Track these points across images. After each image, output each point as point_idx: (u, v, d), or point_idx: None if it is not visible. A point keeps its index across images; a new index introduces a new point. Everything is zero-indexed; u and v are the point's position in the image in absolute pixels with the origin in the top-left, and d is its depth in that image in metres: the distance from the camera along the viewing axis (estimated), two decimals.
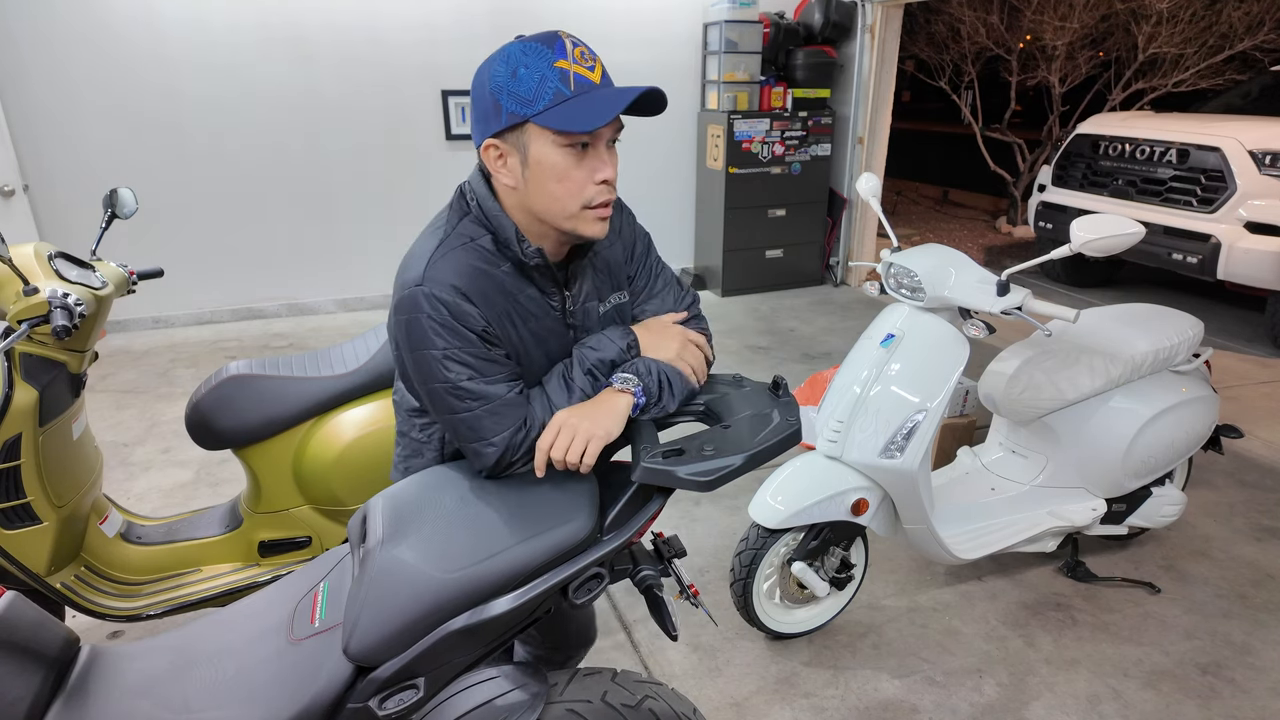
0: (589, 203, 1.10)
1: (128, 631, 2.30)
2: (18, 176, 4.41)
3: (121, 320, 5.02)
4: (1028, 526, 2.38)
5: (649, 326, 1.29)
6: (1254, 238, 4.42)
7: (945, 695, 2.10)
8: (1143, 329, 2.38)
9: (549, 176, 1.08)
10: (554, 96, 1.03)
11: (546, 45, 1.05)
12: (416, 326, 1.10)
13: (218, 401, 1.94)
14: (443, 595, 1.00)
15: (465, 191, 1.18)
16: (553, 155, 1.06)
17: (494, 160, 1.11)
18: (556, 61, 1.03)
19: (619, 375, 1.18)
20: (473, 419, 1.12)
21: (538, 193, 1.10)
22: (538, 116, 1.04)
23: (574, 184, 1.08)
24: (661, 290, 1.34)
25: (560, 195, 1.09)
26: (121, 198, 2.10)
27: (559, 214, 1.11)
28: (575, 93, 1.03)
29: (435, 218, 1.20)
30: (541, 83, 1.03)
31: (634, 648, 2.27)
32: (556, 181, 1.08)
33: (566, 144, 1.06)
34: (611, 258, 1.28)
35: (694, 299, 1.39)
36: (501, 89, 1.05)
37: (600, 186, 1.10)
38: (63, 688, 1.00)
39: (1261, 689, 2.13)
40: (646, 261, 1.33)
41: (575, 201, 1.09)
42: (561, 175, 1.07)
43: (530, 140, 1.06)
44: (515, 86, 1.04)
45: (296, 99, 4.93)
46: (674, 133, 5.87)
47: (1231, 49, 6.61)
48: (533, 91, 1.03)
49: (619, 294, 1.29)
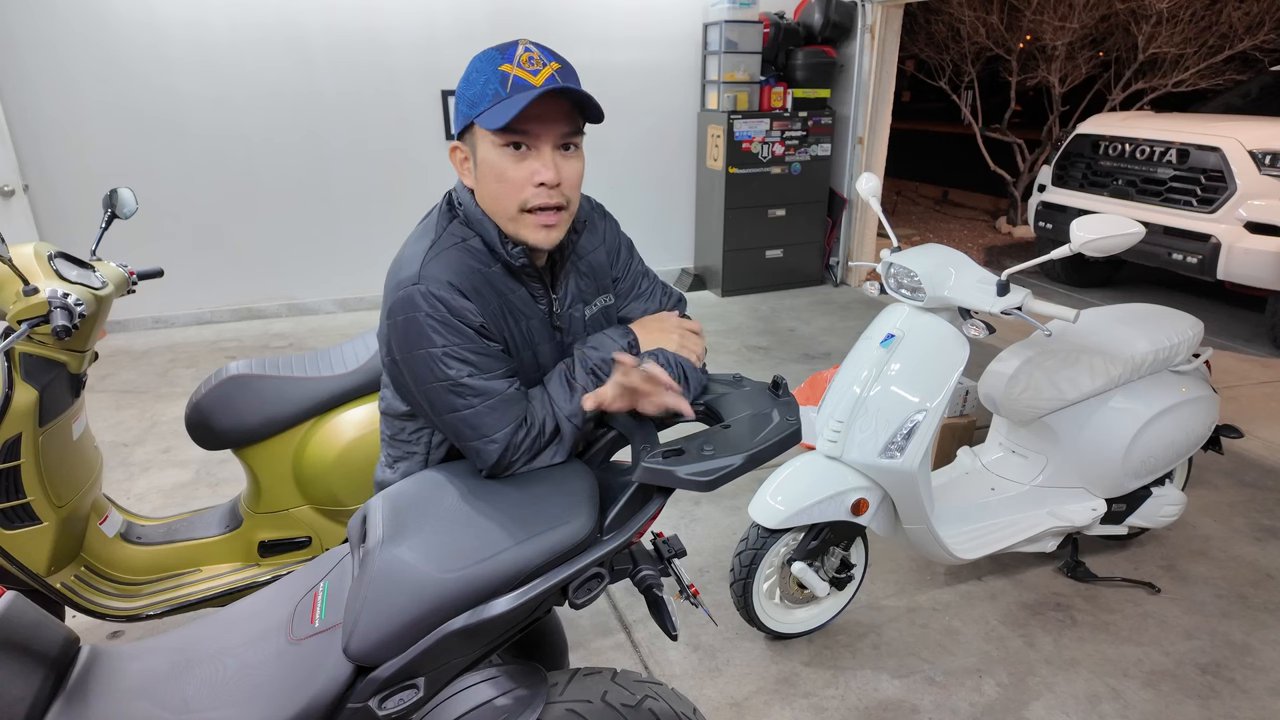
0: (525, 205, 1.12)
1: (128, 631, 2.30)
2: (18, 176, 4.41)
3: (121, 320, 5.02)
4: (1028, 526, 2.39)
5: (645, 324, 1.31)
6: (1254, 238, 4.42)
7: (945, 695, 2.10)
8: (1143, 329, 2.38)
9: (490, 176, 1.12)
10: (492, 98, 1.07)
11: (499, 51, 1.10)
12: (414, 325, 1.10)
13: (218, 401, 1.94)
14: (443, 595, 1.00)
15: (453, 196, 1.21)
16: (492, 155, 1.11)
17: (459, 162, 1.16)
18: (502, 65, 1.08)
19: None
20: (474, 416, 1.12)
21: (483, 193, 1.15)
22: (479, 117, 1.09)
23: (511, 185, 1.11)
24: (648, 290, 1.36)
25: (499, 195, 1.12)
26: (121, 198, 2.10)
27: (501, 215, 1.14)
28: (509, 93, 1.07)
29: (422, 223, 1.22)
30: (485, 85, 1.08)
31: (634, 648, 2.28)
32: (496, 181, 1.12)
33: (503, 144, 1.10)
34: (596, 262, 1.30)
35: (680, 299, 1.41)
36: (460, 94, 1.12)
37: (538, 189, 1.11)
38: (63, 688, 1.00)
39: (1261, 689, 2.13)
40: (631, 266, 1.36)
41: (513, 203, 1.12)
42: (499, 175, 1.11)
43: (478, 141, 1.12)
44: (467, 90, 1.11)
45: (296, 99, 4.93)
46: (674, 133, 5.87)
47: (1231, 49, 6.61)
48: (478, 94, 1.09)
49: (604, 297, 1.31)
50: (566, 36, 5.32)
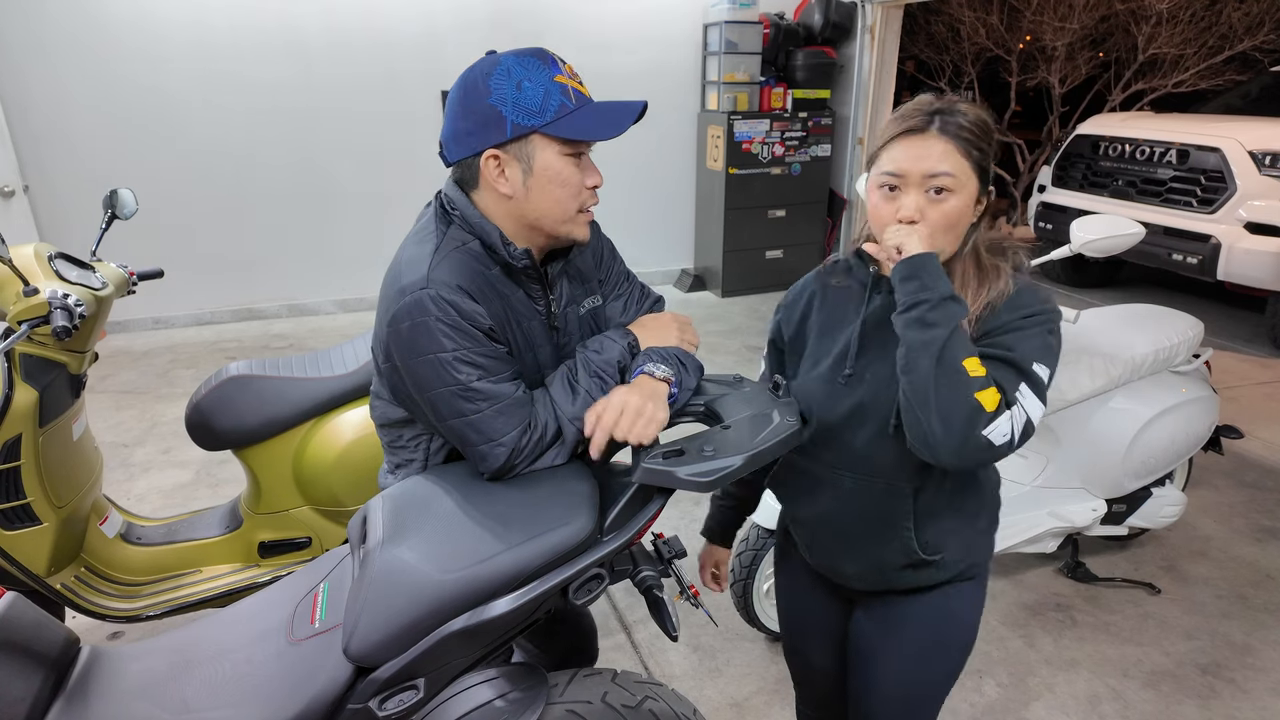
0: (582, 206, 1.18)
1: (128, 632, 2.30)
2: (18, 177, 4.41)
3: (121, 321, 5.02)
4: (1028, 527, 2.38)
5: (644, 324, 1.32)
6: (1254, 238, 4.41)
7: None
8: (1143, 329, 2.38)
9: (554, 182, 1.14)
10: (559, 109, 1.11)
11: (540, 60, 1.12)
12: (424, 330, 1.10)
13: (218, 402, 1.94)
14: (443, 596, 1.00)
15: (445, 202, 1.20)
16: (557, 163, 1.13)
17: (492, 170, 1.14)
18: (556, 76, 1.12)
19: (651, 365, 1.20)
20: (481, 420, 1.12)
21: (541, 198, 1.15)
22: (547, 127, 1.11)
23: (573, 189, 1.15)
24: (629, 292, 1.39)
25: (563, 199, 1.15)
26: (121, 198, 2.10)
27: (559, 218, 1.16)
28: (576, 105, 1.12)
29: (416, 228, 1.22)
30: (547, 96, 1.11)
31: (634, 648, 2.27)
32: (560, 186, 1.14)
33: (570, 153, 1.13)
34: (583, 264, 1.32)
35: (658, 299, 1.44)
36: (505, 101, 1.10)
37: (590, 192, 1.18)
38: (63, 688, 1.00)
39: (1261, 689, 2.13)
40: (614, 269, 1.39)
41: (574, 205, 1.17)
42: (564, 181, 1.14)
43: (536, 150, 1.12)
44: (521, 99, 1.10)
45: (297, 99, 4.93)
46: (674, 133, 5.87)
47: (1231, 49, 6.61)
48: (539, 104, 1.10)
49: (592, 299, 1.33)
50: (567, 37, 5.32)
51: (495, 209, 1.17)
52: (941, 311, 1.03)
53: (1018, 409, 1.05)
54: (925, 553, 1.19)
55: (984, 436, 1.02)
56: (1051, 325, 1.11)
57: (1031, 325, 1.10)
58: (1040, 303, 1.12)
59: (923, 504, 1.18)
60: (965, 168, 1.07)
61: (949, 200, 1.07)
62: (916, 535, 1.18)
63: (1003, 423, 1.03)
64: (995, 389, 1.04)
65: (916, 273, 1.04)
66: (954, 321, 1.03)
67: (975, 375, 1.03)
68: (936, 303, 1.03)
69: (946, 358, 1.02)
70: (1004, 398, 1.04)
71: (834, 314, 1.26)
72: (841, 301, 1.25)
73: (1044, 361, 1.09)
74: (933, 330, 1.03)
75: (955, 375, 1.02)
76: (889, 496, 1.19)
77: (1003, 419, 1.04)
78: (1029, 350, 1.08)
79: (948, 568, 1.21)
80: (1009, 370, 1.07)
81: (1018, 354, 1.07)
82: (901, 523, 1.19)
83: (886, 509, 1.19)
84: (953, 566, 1.21)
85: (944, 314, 1.03)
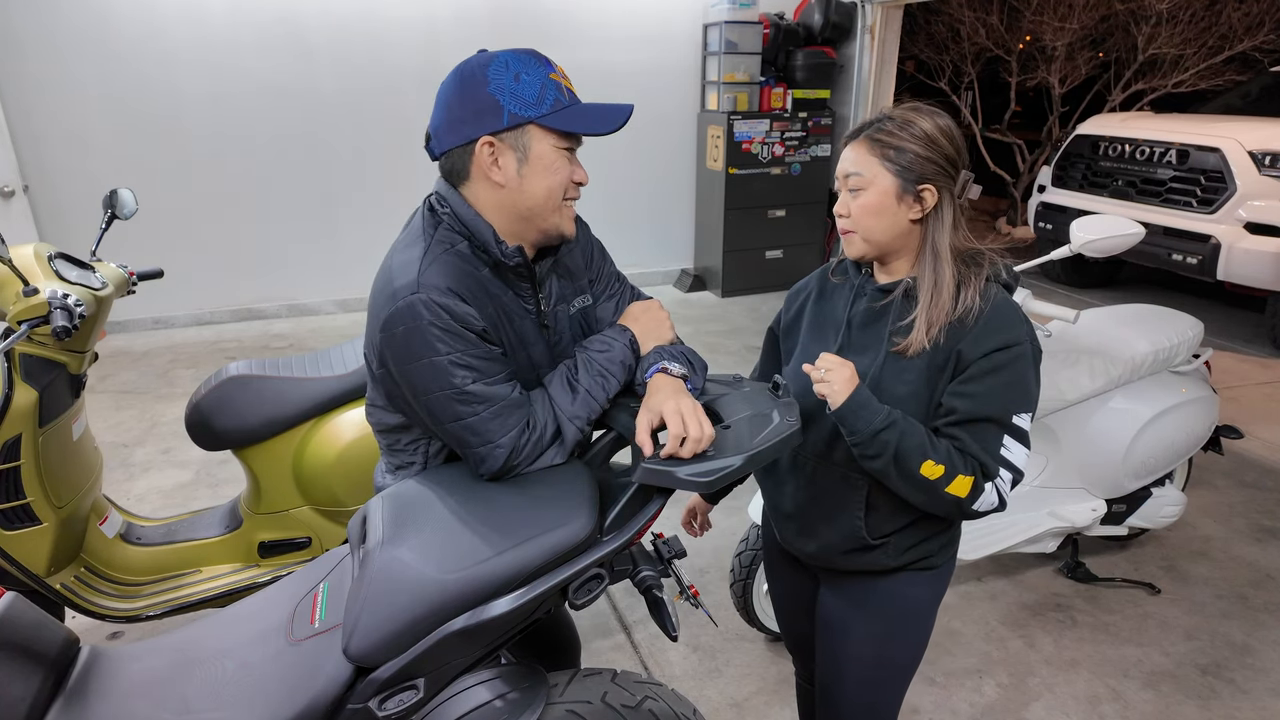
0: (566, 196, 1.21)
1: (128, 632, 2.30)
2: (18, 176, 4.41)
3: (121, 321, 5.02)
4: (1028, 527, 2.38)
5: (635, 318, 1.32)
6: (1254, 238, 4.42)
7: (945, 696, 2.10)
8: (1143, 329, 2.38)
9: (546, 171, 1.16)
10: (554, 103, 1.15)
11: (535, 58, 1.16)
12: (418, 335, 1.10)
13: (218, 402, 1.94)
14: (443, 596, 1.00)
15: (435, 202, 1.20)
16: (550, 154, 1.16)
17: (486, 157, 1.15)
18: (550, 74, 1.16)
19: (667, 362, 1.21)
20: (478, 423, 1.12)
21: (533, 188, 1.16)
22: (544, 118, 1.14)
23: (562, 179, 1.18)
24: (620, 293, 1.40)
25: (554, 189, 1.18)
26: (121, 198, 2.10)
27: (548, 207, 1.18)
28: (569, 102, 1.17)
29: (406, 231, 1.21)
30: (543, 89, 1.14)
31: (634, 648, 2.27)
32: (551, 175, 1.17)
33: (563, 146, 1.17)
34: (573, 264, 1.33)
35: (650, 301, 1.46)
36: (503, 90, 1.12)
37: (575, 186, 1.22)
38: (63, 688, 1.00)
39: (1261, 689, 2.13)
40: (604, 269, 1.40)
41: (560, 194, 1.20)
42: (555, 170, 1.17)
43: (531, 140, 1.15)
44: (519, 90, 1.13)
45: (297, 100, 4.93)
46: (674, 133, 5.87)
47: (1231, 49, 6.60)
48: (536, 96, 1.14)
49: (582, 298, 1.34)
50: (566, 36, 5.32)
51: (487, 201, 1.17)
52: (875, 445, 1.14)
53: (1001, 475, 1.16)
54: (871, 538, 1.27)
55: (973, 510, 1.17)
56: (1028, 358, 1.17)
57: (1008, 364, 1.16)
58: (1015, 327, 1.18)
59: (875, 496, 1.26)
60: (874, 165, 1.18)
61: (860, 196, 1.20)
62: (865, 522, 1.27)
63: (988, 494, 1.16)
64: (962, 477, 1.14)
65: (843, 419, 1.16)
66: (890, 447, 1.13)
67: (936, 478, 1.13)
68: (868, 440, 1.14)
69: (905, 473, 1.14)
70: (979, 476, 1.14)
71: (827, 310, 1.35)
72: (834, 299, 1.34)
73: (1024, 409, 1.17)
74: (876, 460, 1.15)
75: (918, 482, 1.14)
76: (845, 485, 1.27)
77: (985, 493, 1.15)
78: (1009, 401, 1.16)
79: (896, 555, 1.28)
80: (991, 428, 1.15)
81: (996, 409, 1.15)
82: (854, 510, 1.27)
83: (841, 496, 1.28)
84: (902, 554, 1.28)
85: (878, 446, 1.14)
